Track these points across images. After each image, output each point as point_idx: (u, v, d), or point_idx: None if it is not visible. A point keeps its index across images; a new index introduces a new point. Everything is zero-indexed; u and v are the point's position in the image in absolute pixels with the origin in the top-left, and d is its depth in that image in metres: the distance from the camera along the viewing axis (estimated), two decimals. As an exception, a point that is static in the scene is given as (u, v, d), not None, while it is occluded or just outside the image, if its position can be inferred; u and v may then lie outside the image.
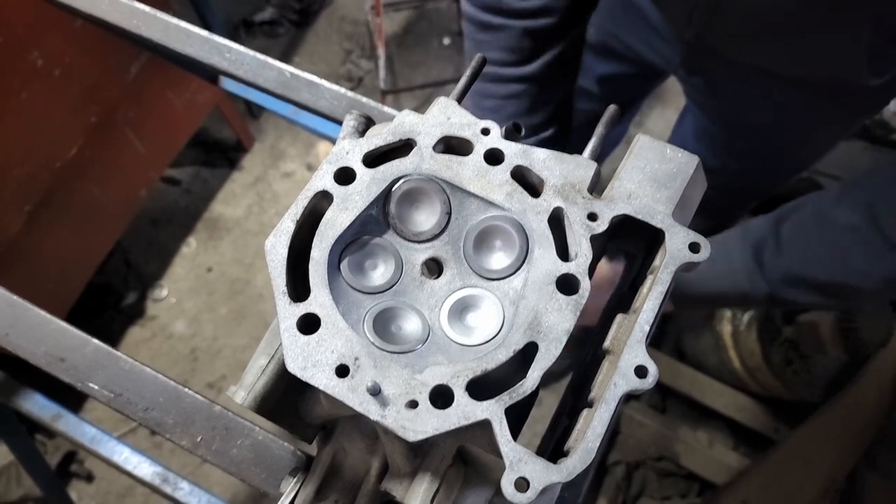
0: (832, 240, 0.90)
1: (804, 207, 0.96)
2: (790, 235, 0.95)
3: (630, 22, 1.19)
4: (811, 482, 1.48)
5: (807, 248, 0.93)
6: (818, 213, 0.93)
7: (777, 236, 0.95)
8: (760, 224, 0.99)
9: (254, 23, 2.87)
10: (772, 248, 0.95)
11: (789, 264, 0.94)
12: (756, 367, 1.83)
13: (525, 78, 1.01)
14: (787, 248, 0.94)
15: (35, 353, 0.70)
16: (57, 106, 1.69)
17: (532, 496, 0.43)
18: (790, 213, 0.97)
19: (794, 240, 0.94)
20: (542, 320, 0.48)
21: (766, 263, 0.96)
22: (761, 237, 0.97)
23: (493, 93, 1.04)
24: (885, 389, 1.44)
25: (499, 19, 0.97)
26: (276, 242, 0.51)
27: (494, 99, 1.04)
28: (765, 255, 0.96)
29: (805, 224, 0.94)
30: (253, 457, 0.65)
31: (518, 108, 1.04)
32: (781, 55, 0.99)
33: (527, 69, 1.00)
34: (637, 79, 1.34)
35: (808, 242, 0.93)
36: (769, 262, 0.96)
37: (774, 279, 0.96)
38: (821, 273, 0.92)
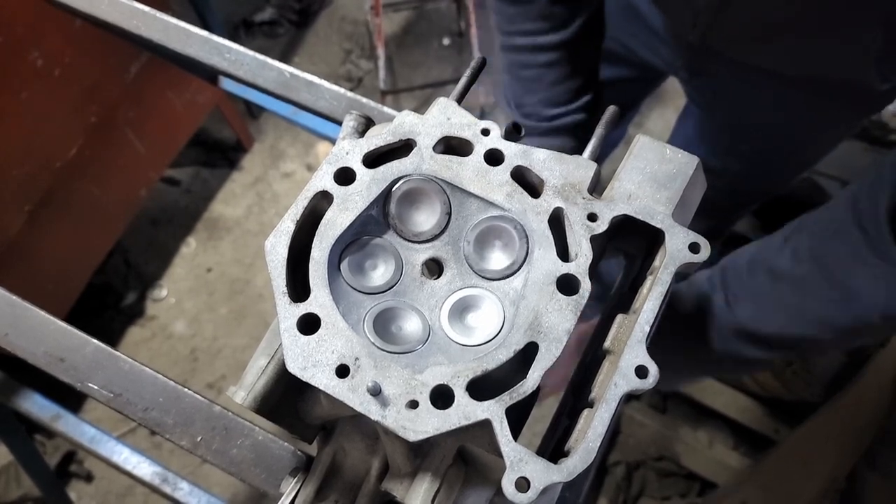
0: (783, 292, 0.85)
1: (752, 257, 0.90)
2: (738, 291, 0.89)
3: (630, 25, 1.19)
4: (811, 482, 1.48)
5: (758, 305, 0.87)
6: (765, 266, 0.87)
7: (726, 291, 0.90)
8: (707, 278, 0.93)
9: (253, 23, 2.87)
10: (722, 307, 0.90)
11: (742, 322, 0.88)
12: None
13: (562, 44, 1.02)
14: (738, 304, 0.88)
15: (35, 353, 0.70)
16: (57, 106, 1.69)
17: (533, 496, 0.43)
18: (739, 263, 0.91)
19: (743, 294, 0.88)
20: (542, 320, 0.48)
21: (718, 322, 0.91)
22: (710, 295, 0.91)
23: (532, 62, 1.05)
24: (885, 389, 1.44)
25: None
26: (276, 242, 0.51)
27: (534, 68, 1.05)
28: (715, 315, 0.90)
29: (752, 279, 0.88)
30: (253, 457, 0.65)
31: (559, 74, 1.05)
32: (787, 57, 0.99)
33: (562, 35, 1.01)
34: (637, 81, 1.34)
35: (758, 298, 0.87)
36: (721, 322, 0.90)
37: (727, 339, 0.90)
38: (775, 327, 0.86)
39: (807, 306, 0.83)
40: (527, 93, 1.08)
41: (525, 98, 1.08)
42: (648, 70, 1.25)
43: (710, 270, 0.94)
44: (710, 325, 0.91)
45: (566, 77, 1.05)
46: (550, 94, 1.06)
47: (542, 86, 1.06)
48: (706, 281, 0.93)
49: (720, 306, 0.90)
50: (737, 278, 0.89)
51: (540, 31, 1.01)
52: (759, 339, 0.88)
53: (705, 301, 0.91)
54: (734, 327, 0.89)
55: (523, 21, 1.01)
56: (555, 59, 1.04)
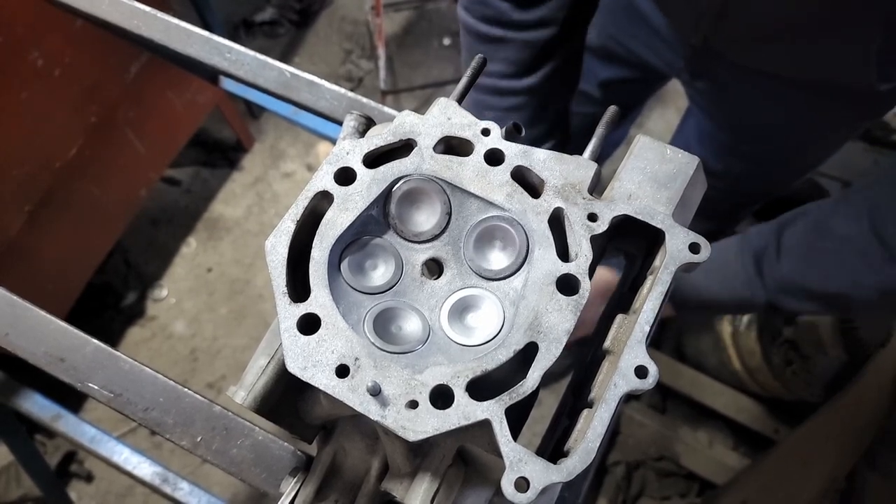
0: (830, 249, 0.90)
1: (805, 216, 0.96)
2: (789, 244, 0.94)
3: (633, 26, 1.18)
4: (811, 482, 1.48)
5: (805, 258, 0.93)
6: (818, 221, 0.93)
7: (777, 244, 0.95)
8: (762, 231, 0.99)
9: (254, 23, 2.88)
10: (771, 257, 0.95)
11: (787, 273, 0.94)
12: (756, 368, 1.83)
13: (526, 90, 1.00)
14: (786, 256, 0.94)
15: (35, 353, 0.70)
16: (57, 106, 1.69)
17: (532, 496, 0.43)
18: (791, 221, 0.96)
19: (793, 248, 0.94)
20: (542, 320, 0.48)
21: (765, 271, 0.96)
22: (762, 245, 0.97)
23: (493, 105, 1.04)
24: (885, 389, 1.44)
25: (499, 31, 0.96)
26: (276, 243, 0.51)
27: (495, 111, 1.04)
28: (764, 264, 0.96)
29: (804, 233, 0.94)
30: (253, 457, 0.65)
31: (521, 120, 1.04)
32: (789, 60, 0.99)
33: (527, 81, 1.00)
34: (639, 82, 1.34)
35: (806, 252, 0.93)
36: (768, 270, 0.96)
37: (772, 287, 0.96)
38: (818, 282, 0.92)
39: (847, 265, 0.88)
40: None
41: None
42: (650, 71, 1.25)
43: (764, 224, 1.00)
44: (756, 273, 0.97)
45: (527, 124, 1.04)
46: None
47: None
48: (760, 231, 0.99)
49: (770, 257, 0.95)
50: (791, 233, 0.94)
51: (505, 75, 1.00)
52: (799, 291, 0.94)
53: (755, 250, 0.97)
54: (779, 277, 0.94)
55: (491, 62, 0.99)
56: (516, 104, 1.02)
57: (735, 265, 0.99)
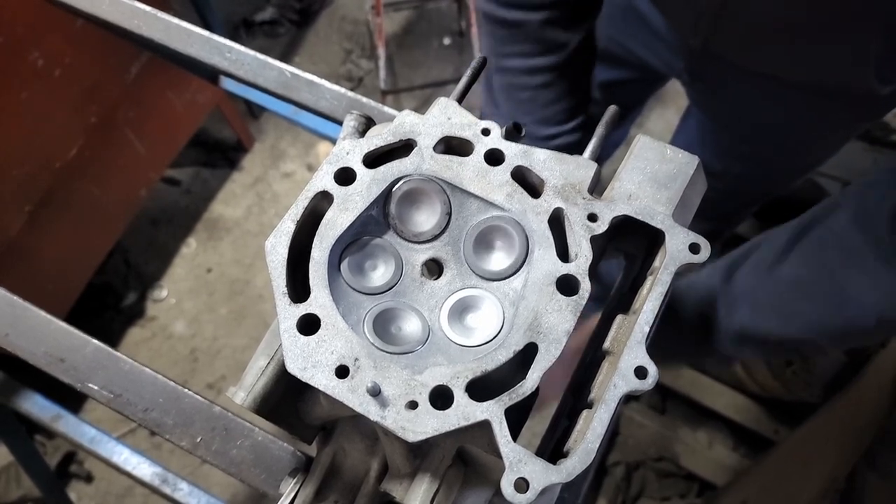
0: (782, 293, 0.84)
1: (754, 255, 0.89)
2: (741, 291, 0.88)
3: (632, 27, 1.18)
4: (811, 482, 1.48)
5: (757, 306, 0.87)
6: (767, 264, 0.87)
7: (729, 290, 0.89)
8: (711, 275, 0.93)
9: (254, 23, 2.87)
10: (724, 305, 0.89)
11: (741, 322, 0.88)
12: (756, 368, 1.83)
13: (556, 66, 1.02)
14: (738, 304, 0.88)
15: (35, 353, 0.70)
16: (57, 106, 1.69)
17: (532, 497, 0.43)
18: (739, 262, 0.90)
19: (746, 296, 0.88)
20: (542, 321, 0.48)
21: (720, 321, 0.90)
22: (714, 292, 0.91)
23: (525, 84, 1.05)
24: (885, 389, 1.44)
25: (519, 14, 0.97)
26: (276, 243, 0.51)
27: (529, 90, 1.05)
28: (718, 313, 0.90)
29: (756, 276, 0.88)
30: (253, 457, 0.65)
31: (554, 95, 1.05)
32: (789, 62, 0.99)
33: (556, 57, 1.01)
34: (639, 83, 1.34)
35: (758, 297, 0.87)
36: (722, 319, 0.90)
37: (728, 337, 0.90)
38: (773, 330, 0.86)
39: (805, 309, 0.83)
40: (522, 114, 1.08)
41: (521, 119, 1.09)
42: (650, 72, 1.25)
43: (711, 269, 0.94)
44: (710, 325, 0.91)
45: (561, 97, 1.06)
46: (546, 114, 1.07)
47: (536, 107, 1.07)
48: (707, 280, 0.93)
49: (721, 308, 0.90)
50: (739, 279, 0.89)
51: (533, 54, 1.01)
52: (757, 340, 0.88)
53: (706, 301, 0.92)
54: (734, 329, 0.89)
55: (515, 43, 1.01)
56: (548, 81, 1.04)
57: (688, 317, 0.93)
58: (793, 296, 0.84)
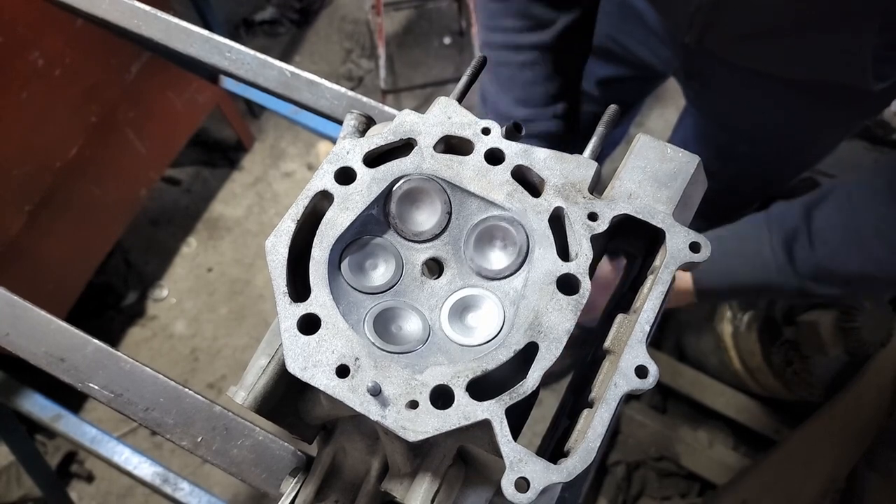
0: (865, 230, 0.88)
1: (833, 195, 0.92)
2: (820, 227, 0.91)
3: (628, 25, 1.18)
4: (811, 482, 1.48)
5: (839, 242, 0.90)
6: (848, 201, 0.90)
7: (808, 229, 0.92)
8: (789, 213, 0.96)
9: (254, 22, 2.87)
10: (803, 243, 0.92)
11: (822, 260, 0.91)
12: (756, 368, 1.83)
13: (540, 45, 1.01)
14: (818, 242, 0.91)
15: (35, 353, 0.70)
16: (57, 106, 1.69)
17: (532, 496, 0.42)
18: (818, 201, 0.93)
19: (825, 232, 0.91)
20: (542, 320, 0.48)
21: (797, 259, 0.93)
22: (791, 230, 0.94)
23: (508, 60, 1.04)
24: (885, 389, 1.44)
25: None
26: (276, 242, 0.51)
27: (510, 68, 1.04)
28: (796, 251, 0.93)
29: (836, 214, 0.91)
30: (253, 457, 0.65)
31: (535, 76, 1.04)
32: (783, 59, 0.99)
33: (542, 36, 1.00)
34: (637, 81, 1.34)
35: (840, 235, 0.90)
36: (801, 257, 0.92)
37: (806, 274, 0.93)
38: (855, 267, 0.89)
39: (883, 248, 0.85)
40: (501, 92, 1.07)
41: (499, 97, 1.07)
42: (647, 69, 1.25)
43: (789, 205, 0.96)
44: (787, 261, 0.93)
45: (542, 80, 1.04)
46: (524, 94, 1.05)
47: (516, 85, 1.05)
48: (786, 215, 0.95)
49: (802, 242, 0.92)
50: (823, 215, 0.91)
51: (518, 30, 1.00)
52: (835, 276, 0.91)
53: (785, 235, 0.93)
54: (814, 264, 0.91)
55: (503, 18, 1.00)
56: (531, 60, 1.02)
57: (765, 251, 0.96)
58: (872, 235, 0.86)
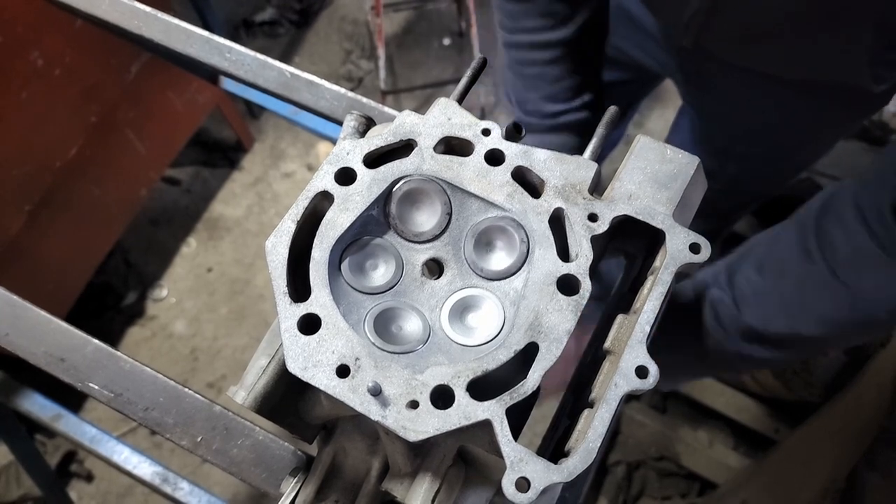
0: (788, 292, 0.85)
1: (754, 255, 0.90)
2: (743, 291, 0.88)
3: (624, 28, 1.18)
4: (811, 482, 1.48)
5: (764, 303, 0.87)
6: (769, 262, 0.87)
7: (732, 293, 0.89)
8: (714, 278, 0.93)
9: (254, 23, 2.87)
10: (729, 306, 0.89)
11: (748, 321, 0.88)
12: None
13: (563, 41, 1.02)
14: (744, 305, 0.88)
15: (35, 353, 0.70)
16: (57, 106, 1.69)
17: (533, 496, 0.43)
18: (740, 264, 0.90)
19: (749, 297, 0.88)
20: (542, 321, 0.48)
21: (724, 323, 0.90)
22: (717, 294, 0.91)
23: (534, 59, 1.05)
24: (885, 389, 1.43)
25: None
26: (276, 243, 0.51)
27: (537, 66, 1.05)
28: (721, 314, 0.90)
29: (759, 276, 0.88)
30: (253, 457, 0.65)
31: (561, 72, 1.05)
32: (779, 60, 0.99)
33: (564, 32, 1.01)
34: (634, 83, 1.34)
35: (764, 297, 0.87)
36: (728, 320, 0.89)
37: (738, 337, 0.90)
38: (782, 327, 0.86)
39: (815, 304, 0.83)
40: (529, 90, 1.08)
41: (527, 95, 1.09)
42: (644, 72, 1.25)
43: (713, 269, 0.94)
44: (717, 325, 0.91)
45: (568, 74, 1.06)
46: (552, 90, 1.07)
47: (543, 83, 1.06)
48: (711, 280, 0.93)
49: (727, 307, 0.90)
50: (744, 278, 0.89)
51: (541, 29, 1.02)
52: (767, 339, 0.88)
53: (712, 301, 0.91)
54: (742, 328, 0.89)
55: (525, 18, 1.01)
56: (556, 57, 1.04)
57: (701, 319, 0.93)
58: (800, 294, 0.84)
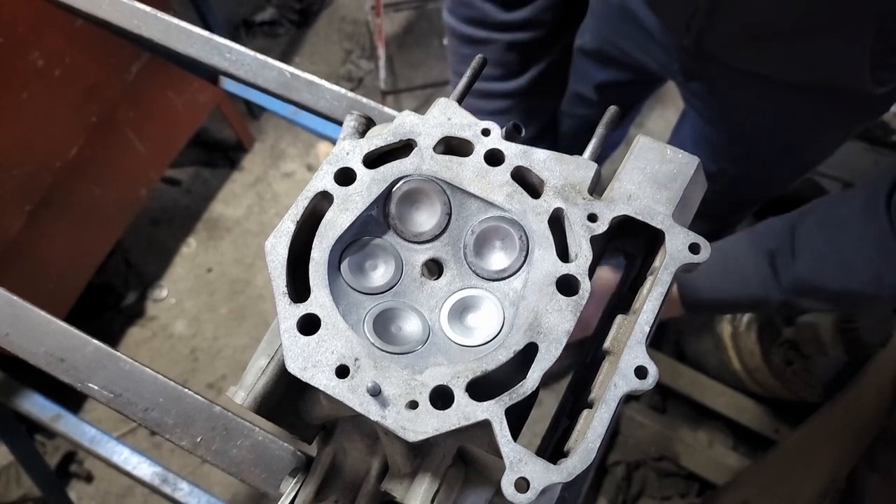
0: (847, 246, 0.87)
1: (817, 211, 0.93)
2: (804, 243, 0.91)
3: (627, 29, 1.18)
4: (811, 482, 1.48)
5: (821, 257, 0.90)
6: (832, 217, 0.90)
7: (791, 244, 0.92)
8: (775, 229, 0.96)
9: (254, 23, 2.87)
10: (786, 257, 0.92)
11: (804, 274, 0.91)
12: (756, 368, 1.83)
13: (513, 93, 0.99)
14: (801, 256, 0.91)
15: (35, 353, 0.70)
16: (57, 106, 1.69)
17: (532, 496, 0.43)
18: (803, 217, 0.94)
19: (808, 248, 0.91)
20: (542, 321, 0.48)
21: (780, 272, 0.93)
22: (775, 244, 0.94)
23: (481, 108, 1.03)
24: (885, 389, 1.43)
25: (483, 32, 0.95)
26: (276, 243, 0.51)
27: (482, 115, 1.03)
28: (779, 264, 0.93)
29: (819, 230, 0.91)
30: (253, 457, 0.65)
31: None
32: (780, 62, 0.98)
33: (514, 84, 0.98)
34: (636, 84, 1.34)
35: (822, 250, 0.90)
36: (784, 271, 0.93)
37: (789, 288, 0.93)
38: (837, 282, 0.89)
39: (871, 262, 0.85)
40: None
41: None
42: (646, 73, 1.25)
43: (772, 222, 0.96)
44: (770, 273, 0.93)
45: None
46: None
47: None
48: (770, 232, 0.95)
49: (784, 255, 0.92)
50: (805, 231, 0.91)
51: (492, 77, 0.99)
52: (817, 291, 0.90)
53: (769, 250, 0.93)
54: (795, 278, 0.91)
55: None
56: (504, 108, 1.01)
57: (749, 265, 0.96)
58: (857, 251, 0.86)
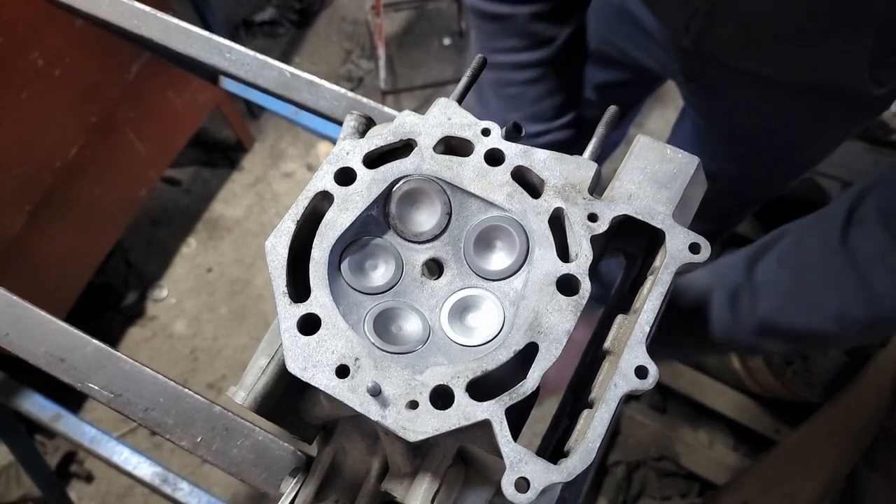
0: (810, 285, 0.85)
1: (775, 249, 0.89)
2: (764, 281, 0.88)
3: (626, 29, 1.18)
4: (811, 482, 1.48)
5: (781, 296, 0.87)
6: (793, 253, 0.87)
7: (751, 283, 0.89)
8: (733, 266, 0.93)
9: (254, 23, 2.87)
10: (746, 297, 0.89)
11: (765, 314, 0.88)
12: (756, 368, 1.83)
13: (544, 61, 1.02)
14: (761, 296, 0.88)
15: (35, 353, 0.70)
16: (57, 106, 1.69)
17: (532, 496, 0.43)
18: (762, 253, 0.90)
19: (769, 286, 0.88)
20: (542, 321, 0.48)
21: (741, 313, 0.90)
22: (735, 284, 0.91)
23: (513, 80, 1.05)
24: (885, 389, 1.43)
25: (506, 7, 0.97)
26: (276, 243, 0.51)
27: (516, 86, 1.05)
28: (739, 305, 0.90)
29: (778, 267, 0.88)
30: (253, 457, 0.65)
31: (542, 91, 1.05)
32: (780, 62, 0.98)
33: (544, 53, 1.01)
34: (635, 84, 1.33)
35: (783, 289, 0.87)
36: (744, 312, 0.89)
37: (751, 330, 0.90)
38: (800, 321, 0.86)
39: (833, 300, 0.83)
40: (510, 110, 1.08)
41: (508, 115, 1.08)
42: (645, 73, 1.25)
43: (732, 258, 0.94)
44: (730, 314, 0.91)
45: (549, 94, 1.05)
46: (533, 110, 1.07)
47: (524, 103, 1.06)
48: (730, 269, 0.93)
49: (745, 295, 0.90)
50: (765, 268, 0.89)
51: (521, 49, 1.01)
52: (780, 331, 0.88)
53: (728, 289, 0.91)
54: (757, 318, 0.89)
55: (503, 38, 1.00)
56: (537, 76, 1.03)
57: (712, 307, 0.93)
58: (819, 289, 0.84)
